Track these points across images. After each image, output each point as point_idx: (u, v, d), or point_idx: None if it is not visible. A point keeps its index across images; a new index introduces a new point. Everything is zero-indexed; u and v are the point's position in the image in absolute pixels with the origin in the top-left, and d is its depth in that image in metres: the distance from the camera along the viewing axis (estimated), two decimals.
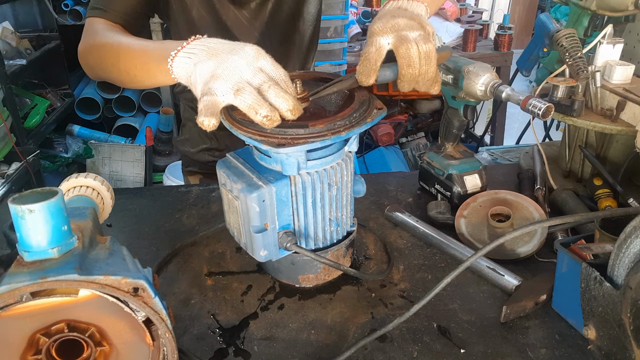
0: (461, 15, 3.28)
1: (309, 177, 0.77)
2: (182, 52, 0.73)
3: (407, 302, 0.85)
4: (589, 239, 0.82)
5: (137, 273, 0.55)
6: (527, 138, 2.32)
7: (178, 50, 0.73)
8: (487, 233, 0.98)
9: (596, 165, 1.06)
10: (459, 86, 0.97)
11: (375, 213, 1.09)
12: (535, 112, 0.83)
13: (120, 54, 0.90)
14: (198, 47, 0.73)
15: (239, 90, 0.66)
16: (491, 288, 0.87)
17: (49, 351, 0.55)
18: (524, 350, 0.75)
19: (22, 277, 0.51)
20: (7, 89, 2.41)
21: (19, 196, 0.53)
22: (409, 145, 3.22)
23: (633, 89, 1.00)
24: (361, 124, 0.75)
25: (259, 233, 0.77)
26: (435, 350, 0.76)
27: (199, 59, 0.71)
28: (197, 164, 1.43)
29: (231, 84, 0.67)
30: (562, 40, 1.04)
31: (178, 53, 0.73)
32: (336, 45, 2.65)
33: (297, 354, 0.76)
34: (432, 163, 1.11)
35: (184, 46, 0.73)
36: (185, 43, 0.74)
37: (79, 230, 0.60)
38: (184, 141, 1.42)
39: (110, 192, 0.79)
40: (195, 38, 0.74)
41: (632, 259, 0.61)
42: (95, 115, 3.33)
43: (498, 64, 2.86)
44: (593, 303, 0.67)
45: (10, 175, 2.41)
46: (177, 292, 0.89)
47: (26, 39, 2.87)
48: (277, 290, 0.89)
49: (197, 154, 1.40)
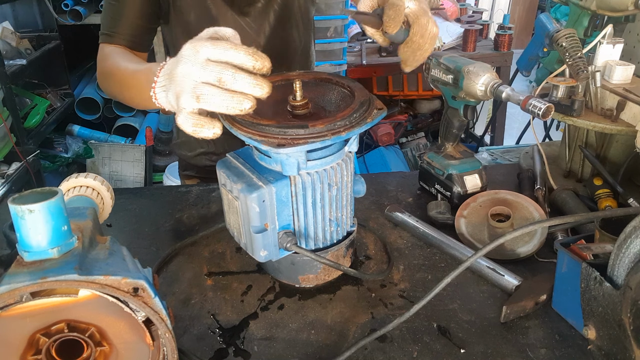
0: (461, 15, 3.28)
1: (309, 177, 0.77)
2: (157, 84, 0.72)
3: (407, 302, 0.85)
4: (589, 239, 0.82)
5: (137, 273, 0.55)
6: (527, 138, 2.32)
7: (155, 82, 0.72)
8: (487, 233, 0.98)
9: (596, 165, 1.06)
10: (459, 86, 0.97)
11: (375, 213, 1.09)
12: (535, 112, 0.83)
13: (122, 83, 0.98)
14: (163, 76, 0.71)
15: (198, 96, 0.64)
16: (491, 288, 0.87)
17: (49, 351, 0.55)
18: (524, 350, 0.75)
19: (22, 277, 0.50)
20: (7, 89, 2.41)
21: (19, 196, 0.53)
22: (409, 145, 3.22)
23: (633, 89, 1.00)
24: (361, 124, 0.75)
25: (259, 233, 0.77)
26: (435, 350, 0.76)
27: (165, 86, 0.70)
28: (194, 168, 1.41)
29: (189, 92, 0.65)
30: (562, 40, 1.04)
31: (155, 85, 0.72)
32: (336, 45, 2.65)
33: (297, 354, 0.76)
34: (432, 163, 1.11)
35: (157, 79, 0.72)
36: (158, 72, 0.72)
37: (79, 230, 0.60)
38: (181, 144, 1.40)
39: (110, 192, 0.79)
40: (162, 66, 0.72)
41: (632, 259, 0.61)
42: (95, 115, 3.33)
43: (498, 64, 2.85)
44: (593, 303, 0.67)
45: (10, 175, 2.41)
46: (177, 292, 0.89)
47: (26, 39, 2.87)
48: (277, 290, 0.89)
49: (194, 157, 1.38)
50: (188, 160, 1.41)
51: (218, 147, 1.35)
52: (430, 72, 1.06)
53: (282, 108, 0.83)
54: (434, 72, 1.05)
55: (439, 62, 1.03)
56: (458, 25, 3.01)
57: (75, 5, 2.93)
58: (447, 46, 2.87)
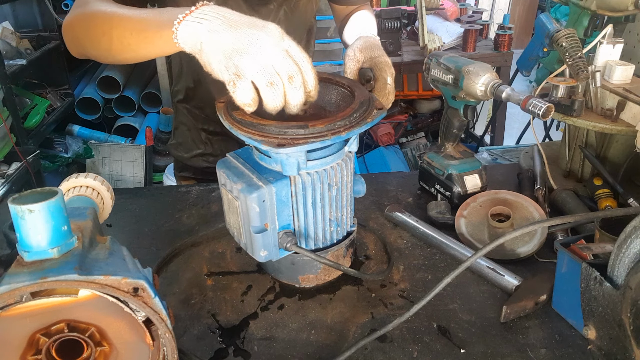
0: (461, 15, 3.27)
1: (309, 177, 0.77)
2: (190, 17, 0.68)
3: (407, 302, 0.85)
4: (589, 239, 0.82)
5: (137, 273, 0.55)
6: (527, 138, 2.32)
7: (186, 15, 0.68)
8: (487, 233, 0.98)
9: (596, 165, 1.06)
10: (459, 86, 0.97)
11: (375, 213, 1.09)
12: (535, 112, 0.83)
13: (113, 20, 0.82)
14: (211, 14, 0.67)
15: (272, 82, 0.64)
16: (491, 288, 0.87)
17: (49, 351, 0.55)
18: (524, 350, 0.75)
19: (22, 277, 0.51)
20: (7, 89, 2.41)
21: (19, 196, 0.53)
22: (409, 145, 3.22)
23: (633, 89, 1.00)
24: (361, 124, 0.75)
25: (259, 233, 0.77)
26: (435, 350, 0.76)
27: (213, 26, 0.66)
28: (191, 169, 1.39)
29: (260, 65, 0.64)
30: (562, 40, 1.04)
31: (186, 17, 0.68)
32: (336, 45, 2.65)
33: (297, 354, 0.76)
34: (432, 163, 1.11)
35: (192, 11, 0.68)
36: (194, 8, 0.69)
37: (79, 230, 0.60)
38: (177, 145, 1.38)
39: (110, 192, 0.79)
40: (203, 3, 0.69)
41: (632, 259, 0.61)
42: (95, 115, 3.33)
43: (498, 64, 2.85)
44: (593, 303, 0.67)
45: (10, 175, 2.41)
46: (177, 292, 0.89)
47: (26, 39, 2.87)
48: (277, 290, 0.89)
49: (191, 159, 1.36)
50: (185, 162, 1.39)
51: (215, 149, 1.33)
52: (430, 72, 1.06)
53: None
54: (434, 72, 1.05)
55: (439, 62, 1.03)
56: (458, 25, 3.01)
57: None
58: (447, 46, 2.87)
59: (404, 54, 2.76)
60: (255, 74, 0.65)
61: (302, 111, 0.80)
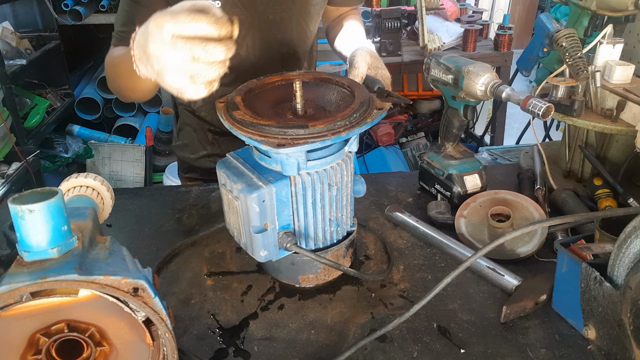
0: (461, 15, 3.27)
1: (309, 177, 0.77)
2: (135, 57, 0.71)
3: (407, 302, 0.85)
4: (589, 239, 0.82)
5: (137, 273, 0.55)
6: (527, 138, 2.32)
7: (133, 56, 0.71)
8: (487, 233, 0.98)
9: (596, 165, 1.06)
10: (459, 86, 0.97)
11: (375, 213, 1.09)
12: (535, 112, 0.83)
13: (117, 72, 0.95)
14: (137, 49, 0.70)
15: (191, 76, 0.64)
16: (491, 288, 0.87)
17: (49, 351, 0.55)
18: (524, 350, 0.75)
19: (22, 277, 0.50)
20: (7, 89, 2.41)
21: (19, 196, 0.53)
22: (409, 145, 3.22)
23: (633, 89, 1.00)
24: (361, 124, 0.75)
25: (259, 233, 0.77)
26: (435, 350, 0.76)
27: (142, 60, 0.69)
28: (197, 171, 1.39)
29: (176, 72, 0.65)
30: (562, 40, 1.04)
31: (135, 58, 0.71)
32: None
33: (297, 354, 0.76)
34: (432, 163, 1.11)
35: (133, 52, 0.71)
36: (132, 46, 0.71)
37: (79, 230, 0.60)
38: (182, 147, 1.38)
39: (110, 192, 0.79)
40: (132, 38, 0.72)
41: (632, 259, 0.61)
42: (95, 115, 3.33)
43: (498, 64, 2.85)
44: (593, 303, 0.67)
45: (10, 175, 2.41)
46: (177, 292, 0.89)
47: (26, 39, 2.87)
48: (277, 290, 0.89)
49: (197, 160, 1.36)
50: (191, 163, 1.38)
51: (222, 149, 1.32)
52: (430, 72, 1.06)
53: (282, 108, 0.83)
54: (434, 72, 1.05)
55: (439, 62, 1.03)
56: (458, 25, 3.01)
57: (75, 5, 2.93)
58: (447, 46, 2.87)
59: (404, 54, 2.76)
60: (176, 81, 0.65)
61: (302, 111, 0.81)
